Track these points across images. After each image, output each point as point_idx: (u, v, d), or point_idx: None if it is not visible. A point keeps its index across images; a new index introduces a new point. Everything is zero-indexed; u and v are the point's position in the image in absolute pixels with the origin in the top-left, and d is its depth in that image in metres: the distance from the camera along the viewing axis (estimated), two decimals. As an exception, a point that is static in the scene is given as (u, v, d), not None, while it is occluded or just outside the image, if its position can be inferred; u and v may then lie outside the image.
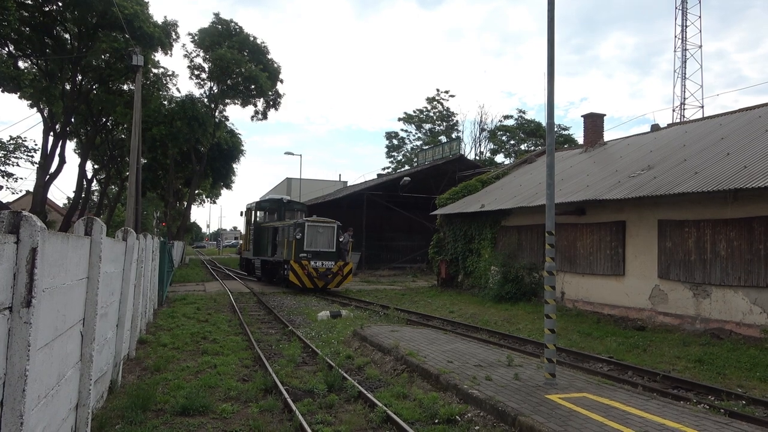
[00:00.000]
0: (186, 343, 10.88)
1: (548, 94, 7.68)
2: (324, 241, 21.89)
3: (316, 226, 21.88)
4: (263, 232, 26.42)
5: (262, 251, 26.43)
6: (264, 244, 26.03)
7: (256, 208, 27.81)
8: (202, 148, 41.50)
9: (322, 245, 21.81)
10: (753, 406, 7.48)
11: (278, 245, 23.81)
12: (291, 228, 22.05)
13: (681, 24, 42.95)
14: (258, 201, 28.55)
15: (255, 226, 27.43)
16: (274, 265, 24.39)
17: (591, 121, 24.19)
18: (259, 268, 26.71)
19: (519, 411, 6.07)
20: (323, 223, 22.20)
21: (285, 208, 27.12)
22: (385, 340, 10.12)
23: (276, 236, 24.34)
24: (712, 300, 13.12)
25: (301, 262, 21.16)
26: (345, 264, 22.17)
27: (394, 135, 62.60)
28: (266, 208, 27.77)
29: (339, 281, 22.15)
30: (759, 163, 12.74)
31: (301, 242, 21.32)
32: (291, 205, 27.54)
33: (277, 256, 23.86)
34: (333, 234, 22.08)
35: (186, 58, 39.33)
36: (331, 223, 22.34)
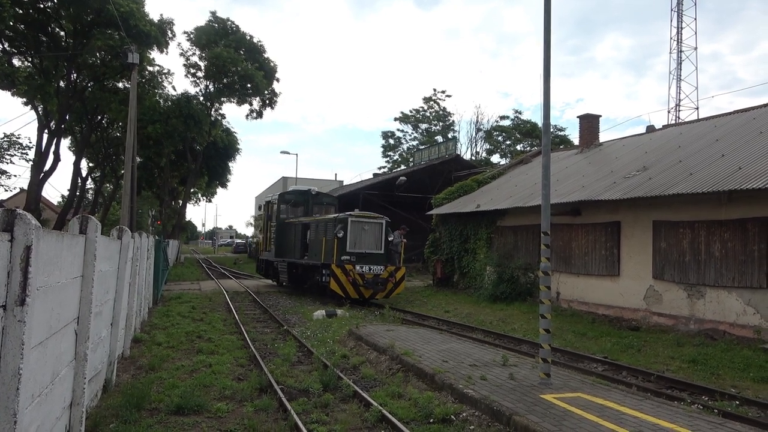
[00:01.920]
0: (181, 341, 10.86)
1: (544, 94, 7.69)
2: (371, 240, 18.27)
3: (361, 222, 18.18)
4: (289, 230, 22.26)
5: (287, 252, 22.11)
6: (290, 244, 21.84)
7: (279, 202, 23.28)
8: (198, 147, 41.41)
9: (368, 246, 18.16)
10: (746, 406, 7.52)
11: (311, 245, 19.98)
12: (330, 224, 18.50)
13: (676, 26, 43.14)
14: (281, 193, 24.29)
15: (278, 222, 22.97)
16: (306, 270, 20.20)
17: (587, 121, 24.26)
18: (284, 272, 22.08)
19: (514, 411, 6.08)
20: (370, 219, 18.49)
21: (313, 201, 23.14)
22: (380, 340, 10.12)
23: (307, 234, 20.59)
24: (706, 301, 13.18)
25: (344, 266, 17.31)
26: (397, 269, 18.24)
27: (391, 134, 62.62)
28: (291, 201, 23.38)
29: (390, 290, 18.16)
30: (753, 164, 12.80)
31: (344, 242, 17.62)
32: (320, 198, 23.77)
33: (309, 258, 19.91)
34: (381, 232, 18.43)
35: (182, 56, 39.23)
36: (379, 218, 18.63)
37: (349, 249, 17.67)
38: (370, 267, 17.64)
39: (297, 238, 21.16)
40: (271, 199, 24.19)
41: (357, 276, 17.33)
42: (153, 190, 50.15)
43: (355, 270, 17.34)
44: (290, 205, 23.36)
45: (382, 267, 17.88)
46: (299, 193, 23.74)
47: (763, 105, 17.94)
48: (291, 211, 23.26)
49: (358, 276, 17.36)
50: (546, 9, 7.73)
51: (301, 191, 23.91)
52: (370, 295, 17.66)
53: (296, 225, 21.62)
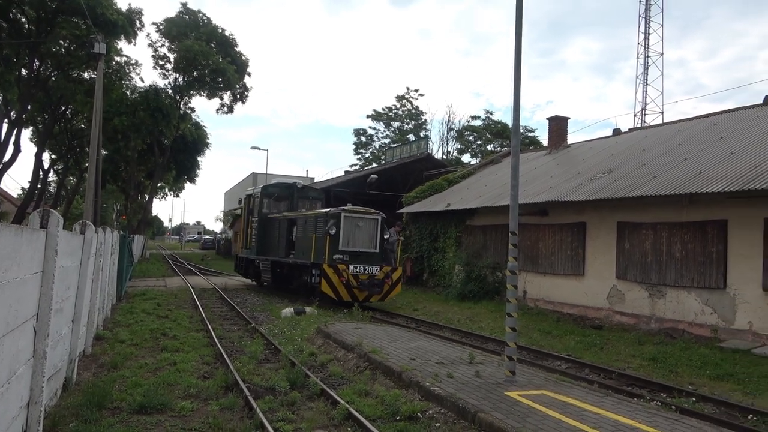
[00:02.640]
0: (145, 339, 10.66)
1: (514, 96, 7.80)
2: (365, 238, 16.89)
3: (355, 217, 16.77)
4: (273, 226, 20.69)
5: (271, 250, 20.51)
6: (274, 241, 20.30)
7: (261, 196, 21.51)
8: (166, 141, 40.63)
9: (362, 244, 16.79)
10: (702, 403, 7.77)
11: (298, 243, 18.53)
12: (320, 220, 16.98)
13: (644, 32, 44.16)
14: (264, 186, 22.26)
15: (260, 217, 21.27)
16: (293, 270, 18.58)
17: (555, 123, 24.67)
18: (267, 271, 20.28)
19: (479, 408, 6.16)
20: (364, 215, 17.07)
21: (298, 195, 21.53)
22: (348, 338, 10.12)
23: (293, 231, 19.07)
24: (666, 300, 13.57)
25: (337, 266, 15.86)
26: (393, 269, 16.82)
27: (363, 132, 62.56)
28: (274, 195, 21.65)
29: (386, 292, 16.68)
30: (713, 168, 13.22)
31: (336, 239, 16.17)
32: (306, 191, 22.10)
33: (296, 256, 18.41)
34: (376, 229, 17.04)
35: (150, 47, 38.46)
36: (375, 214, 17.20)
37: (342, 247, 16.32)
38: (364, 267, 16.16)
39: (282, 235, 19.73)
40: (253, 193, 22.35)
41: (351, 277, 15.86)
42: (118, 184, 49.04)
43: (348, 270, 15.86)
44: (273, 199, 21.62)
45: (378, 267, 16.41)
46: (284, 187, 21.91)
47: (723, 111, 18.55)
48: (274, 205, 21.62)
49: (352, 277, 15.89)
50: (518, 11, 7.82)
51: (286, 184, 22.05)
52: (364, 297, 16.13)
53: (281, 221, 20.13)
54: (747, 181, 11.64)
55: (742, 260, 12.07)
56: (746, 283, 11.95)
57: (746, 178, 11.77)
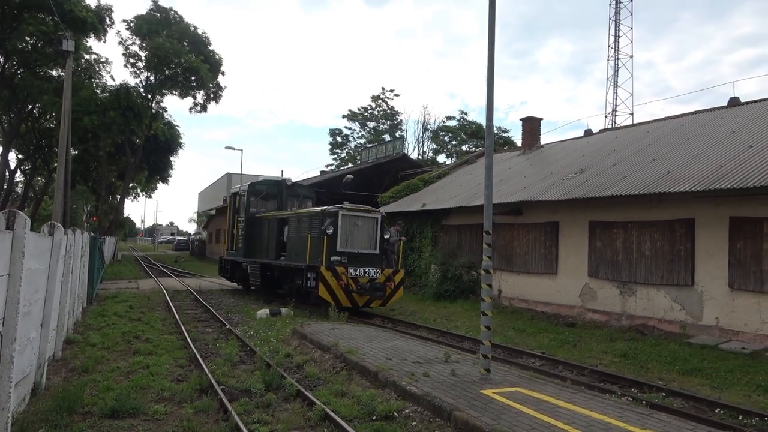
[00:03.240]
0: (117, 342, 10.47)
1: (488, 97, 7.87)
2: (364, 238, 15.69)
3: (353, 216, 15.52)
4: (261, 226, 19.43)
5: (259, 251, 19.24)
6: (263, 243, 19.07)
7: (248, 193, 20.07)
8: (138, 140, 39.96)
9: (361, 244, 15.59)
10: (672, 397, 7.97)
11: (290, 244, 17.48)
12: (315, 219, 15.86)
13: (614, 34, 45.00)
14: (251, 183, 20.70)
15: (247, 216, 19.91)
16: (285, 273, 17.33)
17: (529, 124, 24.99)
18: (256, 275, 18.87)
19: (455, 406, 6.21)
20: (364, 213, 15.85)
21: (288, 193, 20.45)
22: (324, 338, 10.10)
23: (284, 231, 17.97)
24: (637, 298, 13.86)
25: (335, 269, 14.67)
26: (395, 271, 15.74)
27: (338, 132, 62.43)
28: (262, 193, 20.28)
29: (388, 297, 15.58)
30: (681, 169, 13.55)
31: (334, 240, 14.97)
32: (295, 189, 20.94)
33: (288, 259, 17.23)
34: (376, 228, 15.88)
35: (121, 45, 37.77)
36: (374, 212, 16.15)
37: (340, 248, 15.09)
38: (364, 270, 15.03)
39: (271, 236, 18.48)
40: (239, 191, 20.85)
41: (350, 281, 14.71)
42: (88, 185, 48.02)
43: (347, 273, 14.71)
44: (261, 197, 20.29)
45: (378, 270, 15.31)
46: (272, 184, 20.71)
47: (691, 113, 19.02)
48: (261, 204, 20.34)
49: (351, 281, 14.74)
50: (491, 13, 7.90)
51: (274, 181, 20.93)
52: (364, 303, 15.17)
53: (270, 220, 18.87)
54: (713, 181, 11.97)
55: (709, 258, 12.40)
56: (713, 280, 12.28)
57: (712, 178, 12.10)
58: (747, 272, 11.65)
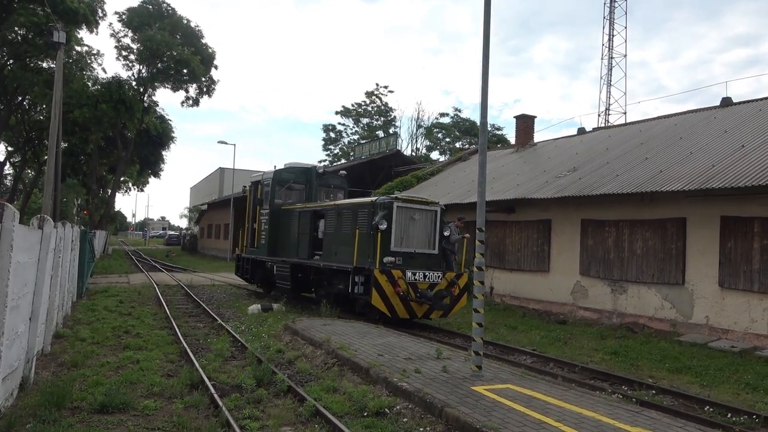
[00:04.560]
0: (107, 337, 10.40)
1: (482, 94, 7.86)
2: (422, 235, 13.24)
3: (410, 208, 13.06)
4: (290, 219, 16.87)
5: (287, 250, 16.69)
6: (292, 239, 16.55)
7: (273, 182, 17.45)
8: (129, 134, 39.72)
9: (419, 243, 13.14)
10: (662, 395, 8.01)
11: (328, 241, 14.83)
12: (363, 211, 13.35)
13: (608, 33, 45.12)
14: (277, 170, 17.90)
15: (272, 209, 17.30)
16: (321, 275, 14.70)
17: (522, 122, 25.03)
18: (285, 277, 15.87)
19: (446, 403, 6.21)
20: (420, 205, 13.34)
21: (318, 182, 17.83)
22: (316, 334, 10.08)
23: (319, 226, 15.46)
24: (628, 296, 13.93)
25: (391, 272, 12.23)
26: (458, 275, 13.15)
27: (332, 128, 62.30)
28: (288, 182, 17.69)
29: (451, 306, 12.94)
30: (673, 168, 13.62)
31: (387, 237, 12.56)
32: (326, 178, 18.29)
33: (325, 258, 14.69)
34: (435, 223, 13.39)
35: (113, 37, 37.48)
36: (433, 204, 13.57)
37: (394, 247, 12.70)
38: (424, 273, 12.60)
39: (303, 231, 15.96)
40: (262, 179, 18.12)
41: (408, 286, 12.26)
42: (79, 178, 47.69)
43: (404, 278, 12.28)
44: (287, 187, 17.74)
45: (440, 273, 12.85)
46: (300, 172, 17.98)
47: (683, 112, 19.11)
48: (287, 194, 17.89)
49: (409, 286, 12.27)
50: (486, 13, 7.88)
51: (302, 169, 18.21)
52: (424, 312, 12.65)
53: (301, 213, 16.25)
54: (705, 180, 12.04)
55: (699, 257, 12.47)
56: (703, 279, 12.36)
57: (704, 178, 12.17)
58: (737, 271, 11.73)
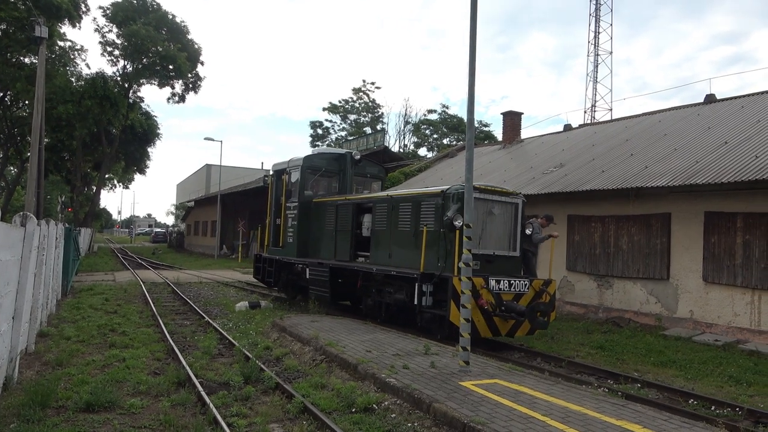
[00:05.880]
0: (92, 335, 10.29)
1: (469, 90, 7.87)
2: (501, 233, 10.91)
3: (487, 200, 10.65)
4: (324, 214, 14.47)
5: (322, 250, 14.33)
6: (328, 237, 14.16)
7: (303, 171, 14.94)
8: (114, 130, 39.26)
9: (497, 243, 10.83)
10: (647, 388, 8.10)
11: (376, 240, 12.53)
12: (428, 204, 11.01)
13: (594, 30, 45.39)
14: (307, 156, 15.44)
15: (301, 201, 14.84)
16: (372, 282, 12.19)
17: (510, 118, 25.12)
18: (322, 282, 13.32)
19: (434, 398, 6.23)
20: (501, 196, 10.93)
21: (355, 171, 15.51)
22: (304, 331, 10.06)
23: (363, 221, 13.20)
24: (614, 291, 14.06)
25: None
26: (546, 282, 10.66)
27: (319, 124, 62.06)
28: (320, 171, 15.23)
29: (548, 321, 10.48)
30: (658, 164, 13.75)
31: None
32: (363, 166, 15.81)
33: (375, 261, 12.35)
34: (515, 219, 11.06)
35: (97, 32, 37.00)
36: (513, 196, 11.19)
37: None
38: (509, 281, 10.19)
39: (342, 229, 13.63)
40: (288, 167, 15.56)
41: (491, 298, 9.89)
42: (62, 175, 47.07)
43: (488, 287, 9.88)
44: (318, 175, 15.33)
45: (527, 281, 10.44)
46: (333, 159, 15.55)
47: (668, 109, 19.28)
48: (318, 185, 15.61)
49: (493, 297, 9.91)
50: (473, 9, 7.88)
51: (336, 155, 15.83)
52: (509, 329, 10.25)
53: (341, 207, 13.81)
54: (689, 176, 12.17)
55: (684, 252, 12.62)
56: (688, 274, 12.51)
57: (688, 173, 12.30)
58: (720, 266, 11.88)
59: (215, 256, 40.34)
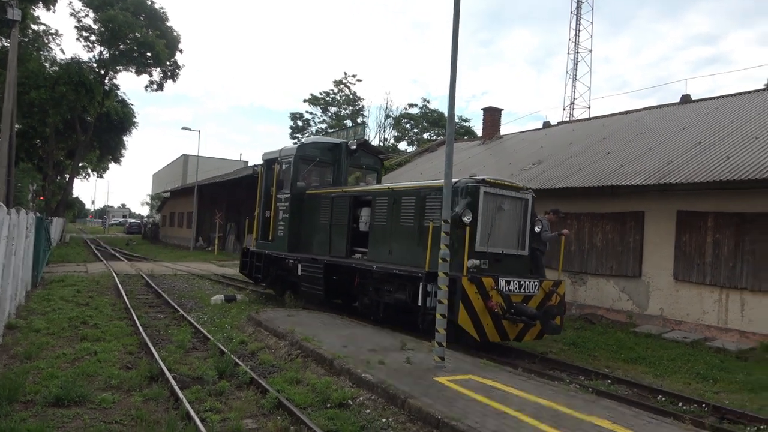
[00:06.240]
0: (63, 328, 10.10)
1: (450, 85, 7.88)
2: (510, 230, 10.28)
3: (498, 195, 10.02)
4: (317, 207, 13.69)
5: (315, 245, 13.58)
6: (322, 231, 13.41)
7: (295, 160, 14.08)
8: (89, 118, 38.45)
9: (506, 240, 10.20)
10: (617, 384, 8.26)
11: (375, 235, 11.80)
12: (436, 198, 10.01)
13: (575, 28, 45.80)
14: (300, 146, 14.67)
15: (294, 192, 14.03)
16: (370, 281, 11.42)
17: (490, 114, 25.25)
18: (317, 280, 12.63)
19: (409, 394, 6.26)
20: (511, 191, 10.30)
21: (350, 162, 14.75)
22: (280, 325, 10.02)
23: (361, 215, 12.45)
24: (587, 287, 14.28)
25: (481, 280, 9.16)
26: (556, 283, 10.15)
27: (299, 116, 61.58)
28: (314, 160, 14.42)
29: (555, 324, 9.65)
30: (633, 163, 13.97)
31: (473, 233, 9.54)
32: (358, 157, 15.04)
33: (373, 257, 11.68)
34: (525, 215, 10.47)
35: (73, 17, 36.08)
36: (523, 191, 10.55)
37: (479, 247, 9.70)
38: (519, 282, 9.62)
39: (338, 222, 12.92)
40: (279, 157, 14.60)
41: (501, 299, 9.27)
42: (34, 162, 45.98)
43: (497, 288, 9.28)
44: (312, 165, 14.45)
45: (536, 282, 9.90)
46: (327, 149, 14.67)
47: (644, 108, 19.58)
48: (312, 176, 14.74)
49: (503, 299, 9.30)
50: (456, 4, 7.88)
51: (331, 145, 14.93)
52: (517, 333, 9.63)
53: (336, 199, 13.13)
54: (663, 175, 12.39)
55: (656, 250, 12.86)
56: (659, 272, 12.76)
57: (662, 173, 12.52)
58: (691, 264, 12.14)
59: (191, 248, 39.88)
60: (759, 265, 11.04)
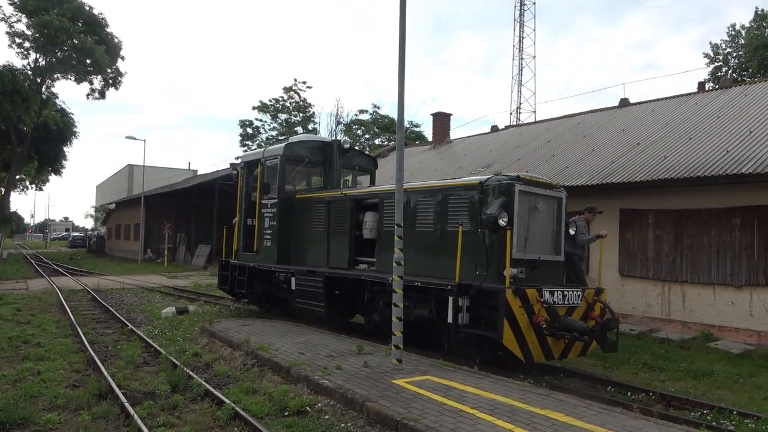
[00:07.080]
0: (2, 348, 9.60)
1: (399, 91, 7.96)
2: (545, 233, 9.21)
3: (532, 194, 8.92)
4: (312, 212, 12.38)
5: (310, 255, 12.26)
6: (317, 240, 12.06)
7: (282, 161, 12.68)
8: (25, 128, 36.70)
9: (543, 245, 9.13)
10: (569, 378, 8.52)
11: (383, 243, 10.37)
12: (461, 197, 9.14)
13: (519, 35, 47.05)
14: (287, 145, 13.05)
15: (281, 197, 12.63)
16: (381, 295, 10.09)
17: (439, 120, 25.64)
18: (315, 295, 11.22)
19: (367, 397, 6.27)
20: (545, 189, 9.21)
21: (342, 162, 13.39)
22: (235, 335, 9.84)
23: (364, 221, 11.06)
24: (538, 286, 14.63)
25: (525, 293, 7.98)
26: (598, 291, 9.12)
27: (249, 123, 60.73)
28: (303, 161, 12.99)
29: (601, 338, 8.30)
30: (578, 164, 14.47)
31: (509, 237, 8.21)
32: (351, 157, 13.75)
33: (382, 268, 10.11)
34: (560, 216, 9.40)
35: (4, 22, 34.41)
36: (556, 189, 9.47)
37: (516, 254, 8.42)
38: (563, 293, 8.54)
39: (337, 230, 11.56)
40: (263, 158, 13.17)
41: (546, 314, 8.15)
42: (-34, 176, 43.53)
43: (542, 300, 8.15)
44: (302, 167, 13.09)
45: (579, 292, 8.80)
46: (317, 148, 13.26)
47: (586, 111, 20.32)
48: (300, 178, 13.68)
49: (549, 314, 8.18)
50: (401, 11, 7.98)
51: (321, 144, 13.53)
52: (562, 350, 8.52)
53: (334, 203, 11.75)
54: (605, 175, 12.89)
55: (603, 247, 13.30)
56: (608, 268, 13.20)
57: (605, 173, 13.02)
58: (634, 260, 12.66)
59: (139, 260, 38.65)
60: (696, 259, 11.62)
